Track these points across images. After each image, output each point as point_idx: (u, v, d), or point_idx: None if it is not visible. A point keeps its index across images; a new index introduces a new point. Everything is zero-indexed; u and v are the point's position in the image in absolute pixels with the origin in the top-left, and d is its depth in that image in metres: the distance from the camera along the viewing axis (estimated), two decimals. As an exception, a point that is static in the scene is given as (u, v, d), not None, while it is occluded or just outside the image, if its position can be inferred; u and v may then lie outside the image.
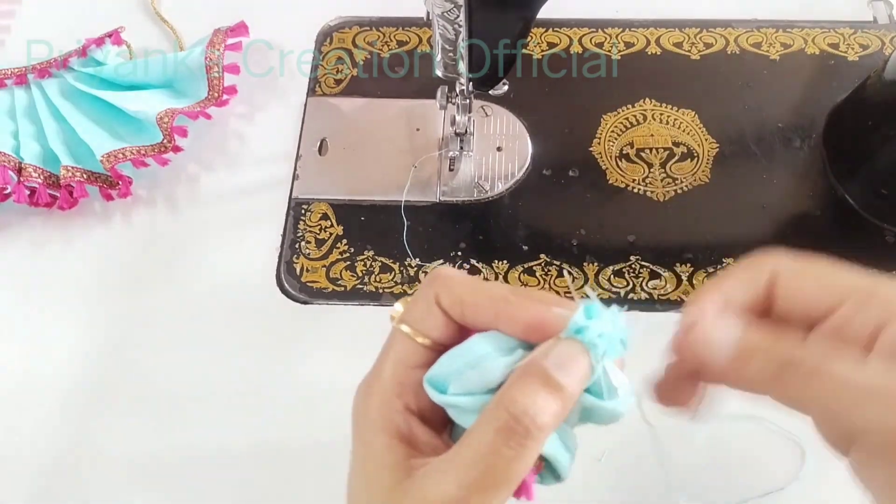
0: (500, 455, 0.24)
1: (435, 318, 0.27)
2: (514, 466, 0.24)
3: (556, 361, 0.25)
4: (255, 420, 0.51)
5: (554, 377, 0.25)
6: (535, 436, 0.24)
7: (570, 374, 0.25)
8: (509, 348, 0.26)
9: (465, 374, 0.26)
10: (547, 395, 0.24)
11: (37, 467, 0.50)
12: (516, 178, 0.61)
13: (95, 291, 0.57)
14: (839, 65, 0.66)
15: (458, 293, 0.27)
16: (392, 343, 0.28)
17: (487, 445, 0.24)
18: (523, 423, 0.24)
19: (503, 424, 0.24)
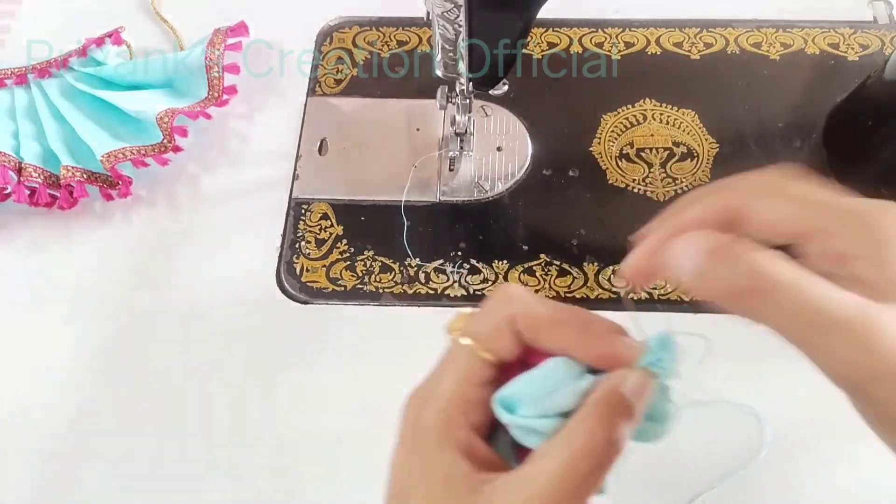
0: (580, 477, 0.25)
1: (506, 338, 0.28)
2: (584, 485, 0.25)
3: (631, 389, 0.26)
4: (254, 419, 0.51)
5: (632, 405, 0.26)
6: (610, 456, 0.25)
7: (640, 401, 0.26)
8: (579, 373, 0.27)
9: (542, 398, 0.27)
10: (626, 422, 0.26)
11: (36, 467, 0.50)
12: (516, 178, 0.61)
13: (95, 291, 0.57)
14: (839, 65, 0.66)
15: (535, 318, 0.28)
16: (454, 357, 0.28)
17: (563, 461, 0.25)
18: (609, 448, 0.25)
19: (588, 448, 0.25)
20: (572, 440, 0.25)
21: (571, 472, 0.25)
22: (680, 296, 0.55)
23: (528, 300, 0.28)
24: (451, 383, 0.28)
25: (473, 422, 0.27)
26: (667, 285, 0.55)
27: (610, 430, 0.25)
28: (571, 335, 0.27)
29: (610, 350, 0.27)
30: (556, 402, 0.27)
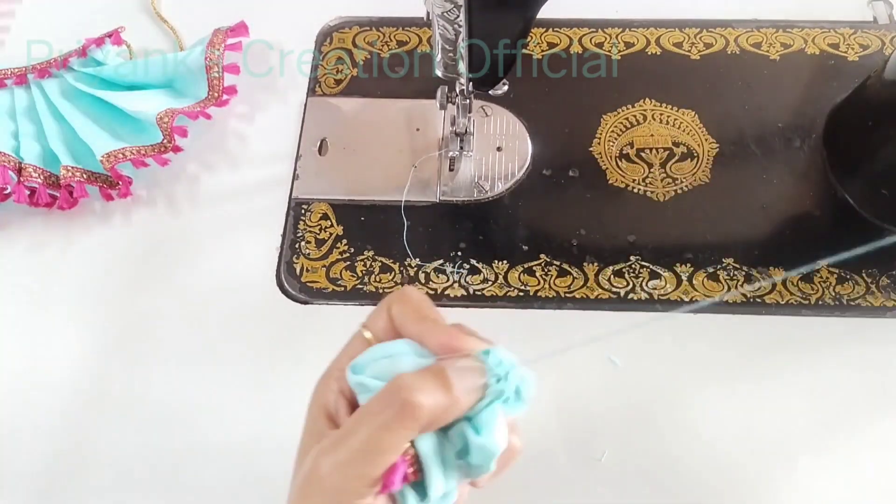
0: (371, 420, 0.28)
1: (384, 322, 0.32)
2: (381, 436, 0.27)
3: (453, 365, 0.29)
4: (254, 419, 0.51)
5: (447, 374, 0.28)
6: (409, 413, 0.27)
7: (462, 380, 0.28)
8: (422, 353, 0.30)
9: (379, 361, 0.30)
10: (434, 383, 0.28)
11: (37, 467, 0.50)
12: (516, 178, 0.61)
13: (95, 291, 0.57)
14: (839, 65, 0.66)
15: (404, 308, 0.32)
16: (349, 341, 0.33)
17: (367, 416, 0.28)
18: (401, 395, 0.27)
19: (383, 396, 0.28)
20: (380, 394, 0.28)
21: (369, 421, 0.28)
22: (680, 296, 0.55)
23: (408, 294, 0.32)
24: (338, 357, 0.32)
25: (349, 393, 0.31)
26: (667, 285, 0.56)
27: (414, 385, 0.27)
28: (426, 324, 0.31)
29: (453, 340, 0.30)
30: (388, 368, 0.30)
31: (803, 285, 0.55)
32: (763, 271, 0.56)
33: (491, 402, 0.29)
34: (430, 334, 0.30)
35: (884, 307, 0.54)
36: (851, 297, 0.55)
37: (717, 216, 0.59)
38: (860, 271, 0.56)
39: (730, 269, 0.56)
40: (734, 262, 0.56)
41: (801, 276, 0.56)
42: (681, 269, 0.56)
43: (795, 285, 0.55)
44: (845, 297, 0.55)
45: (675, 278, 0.56)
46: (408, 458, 0.28)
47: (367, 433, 0.27)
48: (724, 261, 0.56)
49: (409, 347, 0.31)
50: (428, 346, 0.30)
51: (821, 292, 0.55)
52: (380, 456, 0.27)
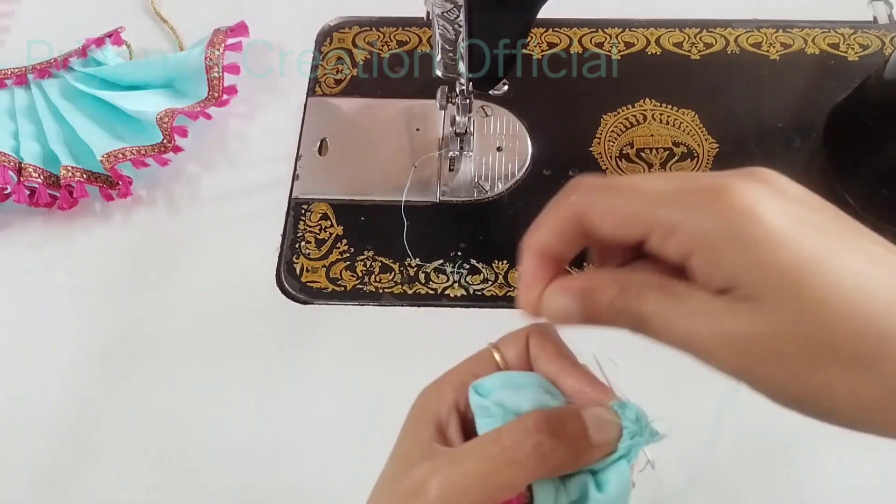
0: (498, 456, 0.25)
1: (519, 352, 0.30)
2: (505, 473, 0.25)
3: (591, 413, 0.27)
4: (254, 419, 0.51)
5: (584, 421, 0.26)
6: (541, 456, 0.25)
7: (598, 431, 0.26)
8: (552, 394, 0.28)
9: (505, 390, 0.28)
10: (569, 435, 0.26)
11: (36, 467, 0.50)
12: (516, 178, 0.61)
13: (95, 291, 0.57)
14: (839, 65, 0.66)
15: (542, 341, 0.30)
16: (474, 356, 0.31)
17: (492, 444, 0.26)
18: (538, 434, 0.25)
19: (514, 434, 0.26)
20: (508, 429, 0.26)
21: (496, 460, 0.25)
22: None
23: (552, 334, 0.30)
24: (460, 368, 0.30)
25: (464, 408, 0.29)
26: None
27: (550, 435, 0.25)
28: (560, 364, 0.29)
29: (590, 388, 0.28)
30: (518, 401, 0.28)
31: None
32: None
33: (619, 459, 0.27)
34: (568, 376, 0.28)
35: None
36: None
37: (717, 216, 0.58)
38: (860, 271, 0.55)
39: (730, 269, 0.56)
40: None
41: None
42: (681, 269, 0.56)
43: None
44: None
45: (675, 278, 0.56)
46: (522, 500, 0.26)
47: (492, 465, 0.25)
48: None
49: (540, 383, 0.29)
50: (562, 388, 0.29)
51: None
52: (498, 491, 0.25)
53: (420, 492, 0.25)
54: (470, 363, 0.30)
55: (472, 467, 0.25)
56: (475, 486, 0.25)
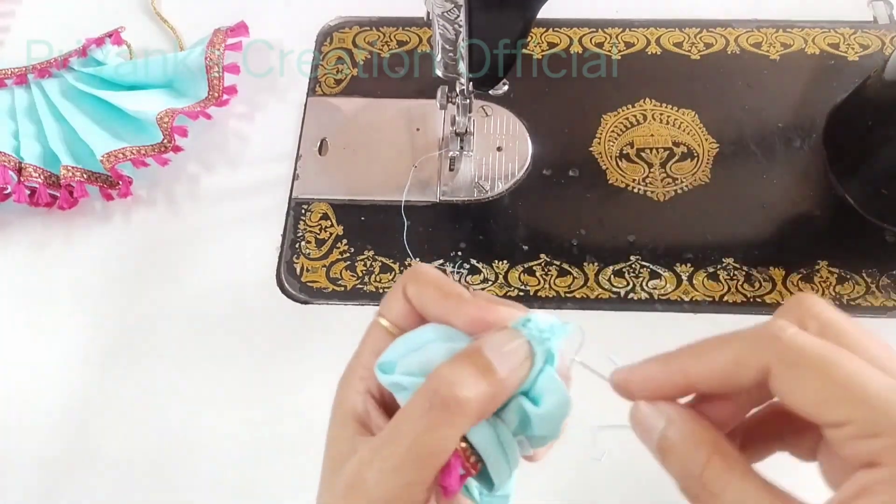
0: (416, 423, 0.24)
1: (401, 306, 0.29)
2: (431, 438, 0.24)
3: (491, 345, 0.25)
4: (254, 419, 0.51)
5: (485, 357, 0.25)
6: (455, 409, 0.24)
7: (505, 360, 0.25)
8: (454, 337, 0.27)
9: (409, 355, 0.27)
10: (474, 372, 0.25)
11: (37, 467, 0.50)
12: (516, 178, 0.61)
13: (96, 291, 0.57)
14: (839, 65, 0.66)
15: (423, 286, 0.28)
16: (366, 334, 0.30)
17: (407, 414, 0.25)
18: (442, 393, 0.24)
19: (423, 394, 0.25)
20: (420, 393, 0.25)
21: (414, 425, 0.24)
22: (680, 296, 0.55)
23: (421, 272, 0.29)
24: (359, 354, 0.29)
25: (377, 393, 0.28)
26: (667, 285, 0.56)
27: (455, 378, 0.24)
28: (448, 300, 0.27)
29: (482, 313, 0.27)
30: (427, 361, 0.26)
31: (803, 285, 0.55)
32: (763, 271, 0.56)
33: (543, 368, 0.26)
34: (456, 312, 0.27)
35: (884, 307, 0.54)
36: (851, 297, 0.55)
37: (717, 216, 0.59)
38: (860, 271, 0.56)
39: (730, 268, 0.56)
40: (734, 262, 0.56)
41: (801, 275, 0.56)
42: (681, 268, 0.56)
43: (796, 285, 0.55)
44: (845, 296, 0.55)
45: (675, 278, 0.56)
46: (462, 454, 0.25)
47: (412, 438, 0.24)
48: (724, 261, 0.56)
49: (438, 333, 0.27)
50: (457, 326, 0.27)
51: (821, 292, 0.55)
52: (429, 459, 0.24)
53: (355, 486, 0.25)
54: (365, 343, 0.29)
55: (396, 446, 0.24)
56: (406, 463, 0.24)
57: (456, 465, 0.25)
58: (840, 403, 0.21)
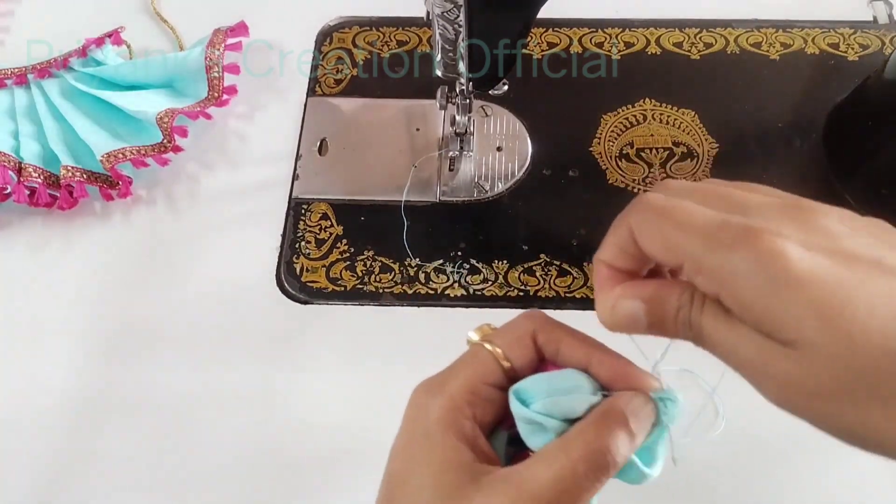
0: (574, 480, 0.25)
1: (525, 348, 0.29)
2: (584, 496, 0.26)
3: (634, 410, 0.27)
4: (254, 420, 0.51)
5: (631, 424, 0.27)
6: (610, 472, 0.26)
7: (641, 425, 0.27)
8: (593, 388, 0.28)
9: (556, 397, 0.28)
10: (626, 437, 0.26)
11: (36, 467, 0.50)
12: (516, 178, 0.61)
13: (95, 291, 0.57)
14: (839, 65, 0.66)
15: (557, 333, 0.29)
16: (471, 357, 0.30)
17: (565, 469, 0.25)
18: (606, 459, 0.26)
19: (586, 456, 0.26)
20: (571, 447, 0.26)
21: (567, 478, 0.25)
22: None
23: (551, 319, 0.30)
24: (464, 377, 0.29)
25: (480, 418, 0.28)
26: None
27: (608, 443, 0.26)
28: (590, 350, 0.29)
29: (625, 369, 0.28)
30: (568, 406, 0.27)
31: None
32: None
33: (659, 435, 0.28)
34: (601, 362, 0.28)
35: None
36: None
37: (717, 216, 0.58)
38: (860, 271, 0.55)
39: (730, 269, 0.56)
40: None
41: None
42: (681, 269, 0.56)
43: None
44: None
45: (675, 278, 0.56)
46: None
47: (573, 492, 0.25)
48: (724, 261, 0.56)
49: (580, 377, 0.29)
50: (598, 375, 0.28)
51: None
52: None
53: None
54: (471, 368, 0.29)
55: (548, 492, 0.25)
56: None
57: None
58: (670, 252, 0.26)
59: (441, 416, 0.28)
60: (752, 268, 0.23)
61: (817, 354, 0.22)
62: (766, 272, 0.23)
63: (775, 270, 0.23)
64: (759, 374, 0.24)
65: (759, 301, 0.23)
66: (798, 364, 0.23)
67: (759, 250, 0.23)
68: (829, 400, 0.23)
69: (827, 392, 0.23)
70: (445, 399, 0.28)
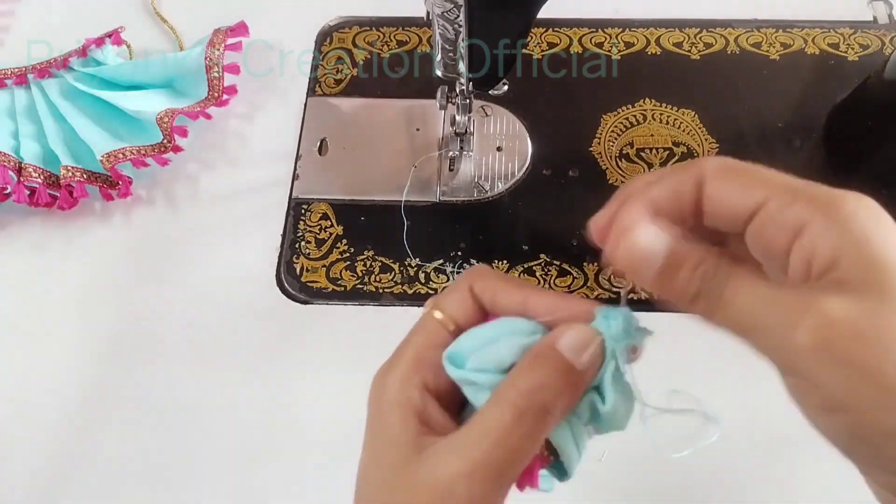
0: (509, 433, 0.25)
1: (465, 303, 0.29)
2: (522, 445, 0.25)
3: (569, 343, 0.26)
4: (254, 419, 0.51)
5: (566, 358, 0.25)
6: (545, 415, 0.25)
7: (582, 358, 0.26)
8: (529, 331, 0.27)
9: (482, 350, 0.27)
10: (558, 375, 0.25)
11: (36, 468, 0.50)
12: (516, 178, 0.61)
13: (95, 291, 0.57)
14: (839, 65, 0.66)
15: (491, 280, 0.28)
16: (419, 327, 0.29)
17: (497, 423, 0.25)
18: (535, 401, 0.25)
19: (513, 402, 0.25)
20: (503, 398, 0.25)
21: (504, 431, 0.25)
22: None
23: (487, 269, 0.29)
24: (413, 349, 0.28)
25: (432, 385, 0.28)
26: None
27: (539, 383, 0.25)
28: (525, 292, 0.28)
29: (560, 302, 0.27)
30: (501, 356, 0.26)
31: (803, 285, 0.55)
32: (763, 271, 0.56)
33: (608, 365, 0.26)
34: (536, 300, 0.27)
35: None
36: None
37: (717, 216, 0.58)
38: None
39: (730, 269, 0.56)
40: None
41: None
42: (681, 269, 0.56)
43: (795, 285, 0.55)
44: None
45: (675, 278, 0.56)
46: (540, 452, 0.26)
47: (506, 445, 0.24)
48: (724, 261, 0.56)
49: (507, 327, 0.27)
50: (535, 315, 0.27)
51: (821, 292, 0.55)
52: (521, 464, 0.25)
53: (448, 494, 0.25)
54: (419, 336, 0.28)
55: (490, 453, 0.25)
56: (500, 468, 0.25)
57: (536, 464, 0.26)
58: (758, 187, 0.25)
59: (392, 394, 0.27)
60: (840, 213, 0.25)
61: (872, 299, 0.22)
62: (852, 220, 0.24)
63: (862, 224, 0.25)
64: (787, 329, 0.23)
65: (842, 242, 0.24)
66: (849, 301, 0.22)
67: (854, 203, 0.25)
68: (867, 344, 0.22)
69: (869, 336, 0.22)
70: (395, 376, 0.28)
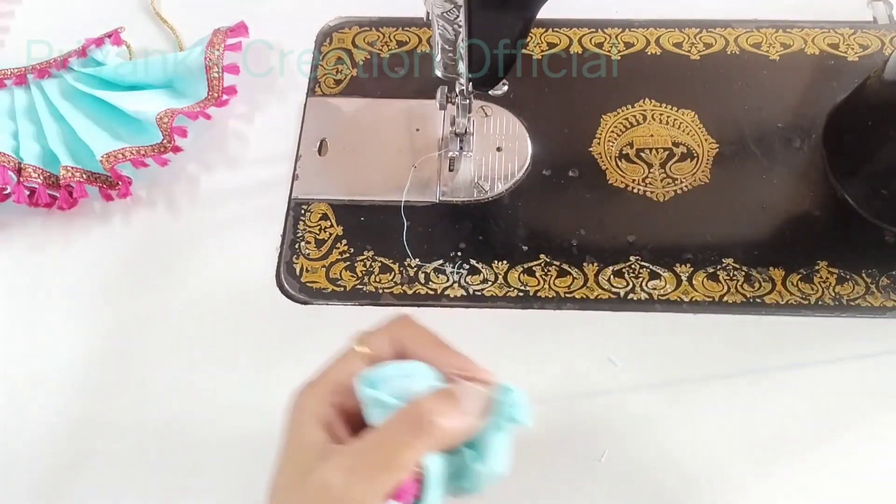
0: (391, 439, 0.30)
1: (385, 344, 0.34)
2: (400, 453, 0.29)
3: (466, 391, 0.31)
4: (254, 419, 0.51)
5: (463, 401, 0.31)
6: (429, 432, 0.30)
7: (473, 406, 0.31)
8: (438, 377, 0.33)
9: (396, 380, 0.32)
10: (450, 408, 0.31)
11: (36, 467, 0.50)
12: (516, 178, 0.61)
13: (95, 291, 0.57)
14: (839, 65, 0.66)
15: (411, 331, 0.34)
16: (343, 356, 0.34)
17: (384, 433, 0.30)
18: (425, 417, 0.30)
19: (405, 416, 0.30)
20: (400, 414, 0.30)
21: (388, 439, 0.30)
22: (679, 297, 0.55)
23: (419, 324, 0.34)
24: (332, 373, 0.33)
25: (344, 406, 0.32)
26: (666, 285, 0.56)
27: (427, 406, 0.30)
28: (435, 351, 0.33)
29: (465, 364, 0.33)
30: (412, 389, 0.31)
31: (803, 285, 0.55)
32: (763, 271, 0.56)
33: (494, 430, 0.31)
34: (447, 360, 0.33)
35: (884, 307, 0.54)
36: (851, 298, 0.55)
37: (717, 216, 0.58)
38: (860, 271, 0.56)
39: (730, 269, 0.56)
40: (734, 262, 0.56)
41: (800, 276, 0.56)
42: (681, 269, 0.56)
43: (795, 285, 0.55)
44: (845, 297, 0.55)
45: (674, 278, 0.56)
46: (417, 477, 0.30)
47: (391, 450, 0.29)
48: (724, 261, 0.56)
49: (424, 370, 0.33)
50: (442, 369, 0.33)
51: (820, 292, 0.55)
52: (398, 472, 0.29)
53: (326, 488, 0.29)
54: (340, 364, 0.34)
55: (374, 456, 0.29)
56: (379, 471, 0.29)
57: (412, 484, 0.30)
58: None
59: (310, 407, 0.32)
60: None
61: None
62: None
63: None
64: None
65: None
66: None
67: None
68: None
69: None
70: (315, 393, 0.33)
